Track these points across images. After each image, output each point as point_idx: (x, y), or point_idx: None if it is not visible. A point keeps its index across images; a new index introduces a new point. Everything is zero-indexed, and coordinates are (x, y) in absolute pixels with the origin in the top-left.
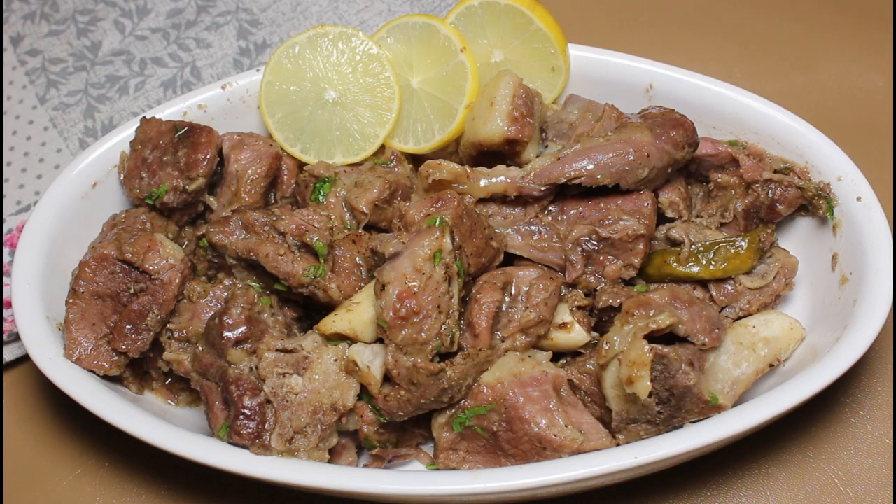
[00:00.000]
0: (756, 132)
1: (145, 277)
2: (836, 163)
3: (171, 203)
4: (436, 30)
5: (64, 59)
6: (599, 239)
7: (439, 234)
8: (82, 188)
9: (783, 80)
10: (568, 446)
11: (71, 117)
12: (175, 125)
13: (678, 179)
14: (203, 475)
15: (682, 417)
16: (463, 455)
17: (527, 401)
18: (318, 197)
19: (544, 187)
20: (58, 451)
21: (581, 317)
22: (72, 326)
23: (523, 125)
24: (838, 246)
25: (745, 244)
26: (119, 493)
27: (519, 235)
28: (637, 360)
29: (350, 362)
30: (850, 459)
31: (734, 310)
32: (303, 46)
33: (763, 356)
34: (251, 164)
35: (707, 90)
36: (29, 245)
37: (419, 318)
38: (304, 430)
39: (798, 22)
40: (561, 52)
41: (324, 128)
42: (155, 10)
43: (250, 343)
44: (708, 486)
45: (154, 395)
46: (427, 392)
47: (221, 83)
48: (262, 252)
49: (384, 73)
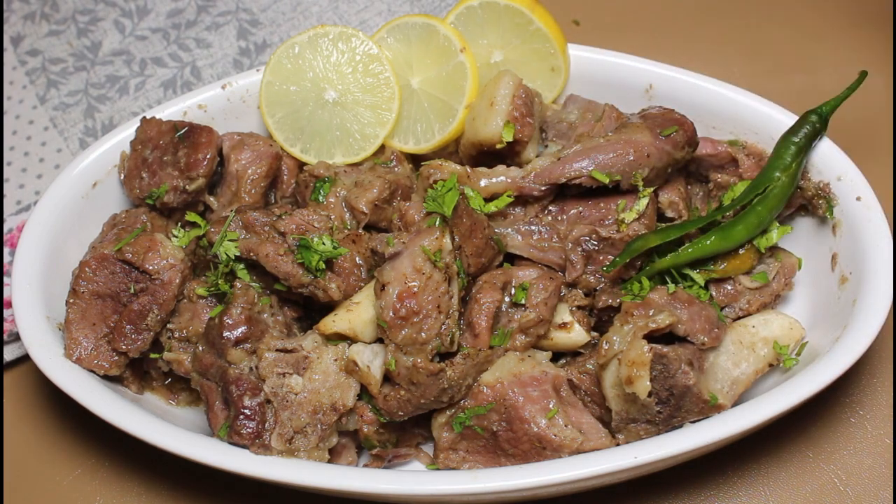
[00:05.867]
0: (756, 132)
1: (145, 277)
2: (836, 163)
3: (171, 203)
4: (436, 30)
5: (64, 59)
6: (599, 239)
7: (439, 234)
8: (82, 188)
9: (783, 80)
10: (568, 446)
11: (71, 117)
12: (175, 125)
13: (678, 179)
14: (203, 475)
15: (681, 417)
16: (463, 455)
17: (527, 401)
18: (318, 197)
19: (544, 187)
20: (58, 451)
21: (581, 317)
22: (72, 326)
23: (523, 125)
24: (838, 246)
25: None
26: (119, 493)
27: (519, 235)
28: (636, 359)
29: (350, 362)
30: (850, 459)
31: (734, 310)
32: (303, 46)
33: (763, 356)
34: (251, 164)
35: (707, 90)
36: (29, 245)
37: (419, 318)
38: (304, 430)
39: (798, 22)
40: (561, 51)
41: (324, 128)
42: (155, 10)
43: (250, 343)
44: (708, 486)
45: (154, 395)
46: (427, 392)
47: (221, 83)
48: (262, 252)
49: (384, 73)
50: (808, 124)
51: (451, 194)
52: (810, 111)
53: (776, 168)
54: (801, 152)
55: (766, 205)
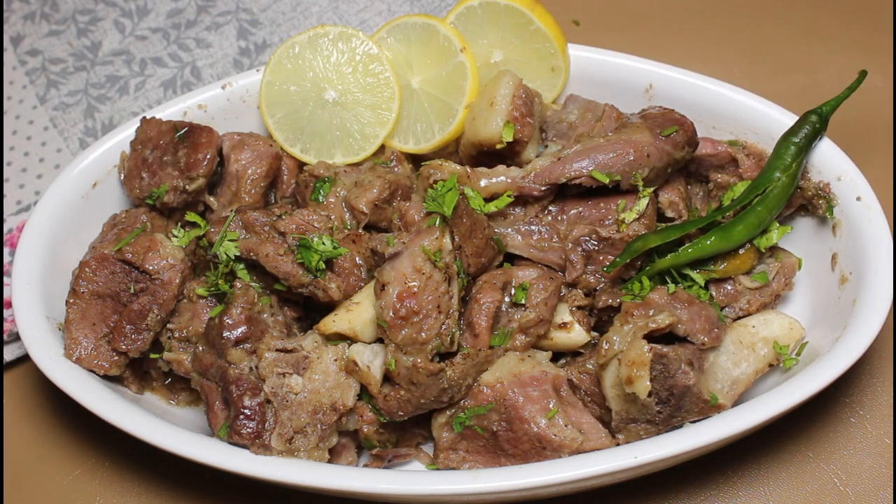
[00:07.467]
0: (756, 132)
1: (145, 277)
2: (836, 163)
3: (171, 203)
4: (436, 30)
5: (64, 59)
6: (599, 239)
7: (439, 233)
8: (82, 188)
9: (783, 80)
10: (568, 446)
11: (71, 117)
12: (175, 125)
13: (678, 179)
14: (203, 475)
15: (681, 417)
16: (463, 455)
17: (527, 400)
18: (318, 197)
19: (544, 187)
20: (58, 451)
21: (581, 317)
22: (72, 326)
23: (523, 125)
24: (838, 246)
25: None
26: (119, 493)
27: (519, 235)
28: (636, 359)
29: (350, 362)
30: (850, 459)
31: (734, 310)
32: (303, 46)
33: (763, 356)
34: (251, 164)
35: (707, 90)
36: (29, 245)
37: (419, 317)
38: (304, 430)
39: (798, 22)
40: (560, 51)
41: (324, 128)
42: (155, 10)
43: (250, 343)
44: (708, 486)
45: (154, 395)
46: (427, 392)
47: (221, 83)
48: (262, 252)
49: (384, 73)
50: (808, 124)
51: (451, 194)
52: (810, 111)
53: (776, 168)
54: (801, 152)
55: (766, 205)
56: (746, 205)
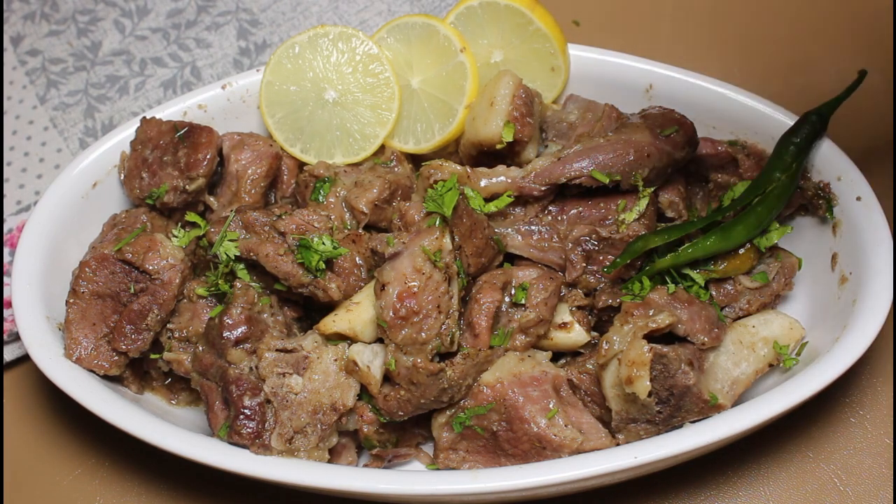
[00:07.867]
0: (756, 132)
1: (145, 277)
2: (836, 162)
3: (171, 203)
4: (436, 30)
5: (64, 59)
6: (599, 239)
7: (439, 234)
8: (82, 188)
9: (783, 80)
10: (568, 446)
11: (71, 117)
12: (175, 125)
13: (678, 179)
14: (203, 475)
15: (681, 417)
16: (463, 455)
17: (527, 401)
18: (318, 197)
19: (544, 187)
20: (58, 451)
21: (581, 317)
22: (72, 326)
23: (523, 125)
24: (838, 246)
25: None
26: (119, 493)
27: (519, 235)
28: (636, 359)
29: (350, 362)
30: (850, 459)
31: (734, 310)
32: (303, 46)
33: (763, 356)
34: (251, 164)
35: (707, 90)
36: (29, 245)
37: (419, 317)
38: (304, 430)
39: (798, 22)
40: (560, 51)
41: (324, 128)
42: (155, 10)
43: (250, 343)
44: (708, 486)
45: (154, 395)
46: (427, 392)
47: (221, 83)
48: (262, 252)
49: (384, 73)
50: (808, 124)
51: (451, 194)
52: (810, 111)
53: (776, 168)
54: (802, 152)
55: (766, 205)
56: (746, 205)
